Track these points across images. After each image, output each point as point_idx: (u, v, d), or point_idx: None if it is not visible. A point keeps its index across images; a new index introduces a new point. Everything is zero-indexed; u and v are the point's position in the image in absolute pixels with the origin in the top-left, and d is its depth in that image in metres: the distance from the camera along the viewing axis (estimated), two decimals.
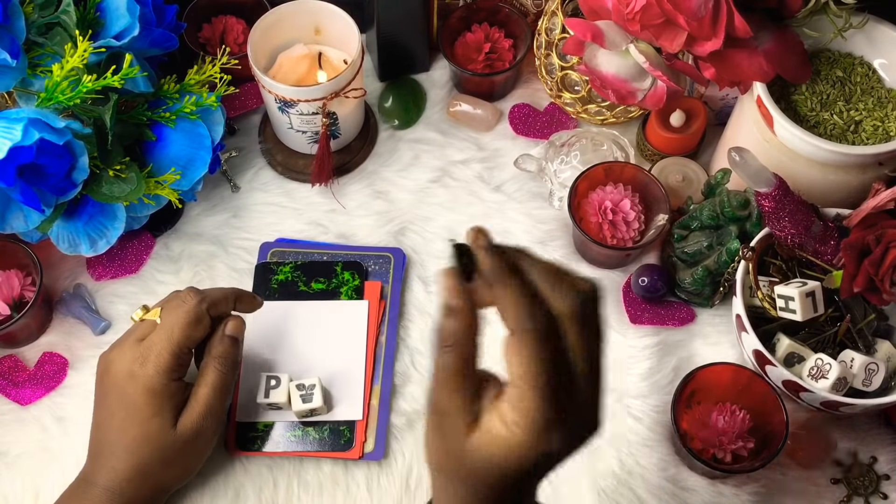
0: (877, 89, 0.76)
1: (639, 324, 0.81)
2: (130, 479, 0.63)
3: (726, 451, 0.71)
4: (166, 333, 0.63)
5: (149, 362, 0.63)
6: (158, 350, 0.63)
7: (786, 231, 0.71)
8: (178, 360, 0.63)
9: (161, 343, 0.63)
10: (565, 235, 0.86)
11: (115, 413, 0.63)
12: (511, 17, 0.93)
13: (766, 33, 0.71)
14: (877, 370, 0.70)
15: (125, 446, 0.63)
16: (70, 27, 0.71)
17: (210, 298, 0.65)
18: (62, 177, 0.70)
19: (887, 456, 0.75)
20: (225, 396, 0.66)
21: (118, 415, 0.63)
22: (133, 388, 0.63)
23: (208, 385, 0.65)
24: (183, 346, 0.63)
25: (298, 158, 0.89)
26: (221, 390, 0.65)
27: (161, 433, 0.63)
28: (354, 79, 0.81)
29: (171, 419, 0.63)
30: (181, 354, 0.64)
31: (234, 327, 0.67)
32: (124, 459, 0.63)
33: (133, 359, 0.63)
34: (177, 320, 0.63)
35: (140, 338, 0.65)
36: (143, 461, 0.63)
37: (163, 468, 0.64)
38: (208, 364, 0.65)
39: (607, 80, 0.74)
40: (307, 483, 0.73)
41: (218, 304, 0.66)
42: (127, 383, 0.63)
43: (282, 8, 0.84)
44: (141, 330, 0.65)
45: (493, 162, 0.90)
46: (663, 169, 0.87)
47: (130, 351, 0.64)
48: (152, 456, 0.63)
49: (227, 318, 0.67)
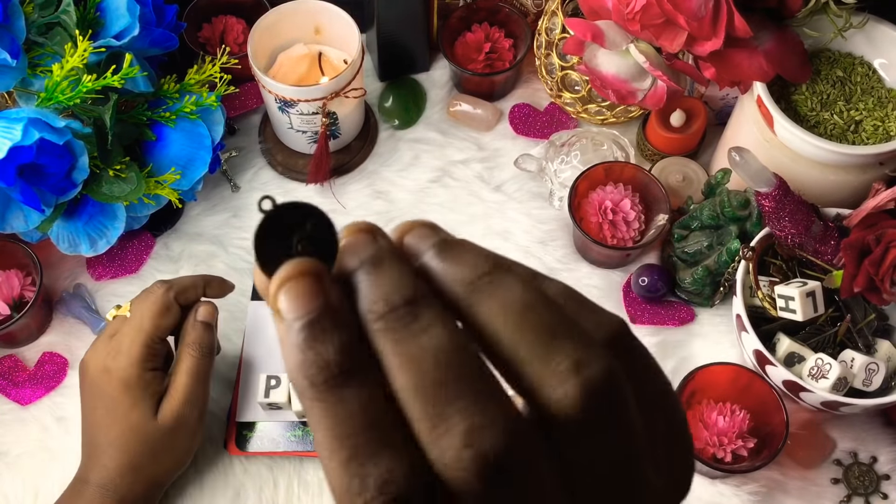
0: (877, 89, 0.76)
1: (639, 324, 0.81)
2: (122, 474, 0.63)
3: (726, 451, 0.71)
4: (136, 324, 0.64)
5: (121, 355, 0.63)
6: (129, 342, 0.63)
7: (786, 231, 0.71)
8: (150, 349, 0.64)
9: (131, 334, 0.63)
10: (565, 235, 0.86)
11: (97, 410, 0.64)
12: (511, 17, 0.93)
13: (766, 33, 0.71)
14: (877, 370, 0.70)
15: (111, 442, 0.63)
16: (70, 27, 0.71)
17: (178, 286, 0.65)
18: (62, 177, 0.70)
19: (887, 456, 0.75)
20: (203, 382, 0.66)
21: (99, 411, 0.64)
22: (108, 382, 0.63)
23: (184, 372, 0.65)
24: (153, 336, 0.64)
25: (298, 158, 0.89)
26: (198, 376, 0.65)
27: (143, 424, 0.63)
28: (354, 79, 0.81)
29: (150, 409, 0.63)
30: (152, 344, 0.64)
31: (204, 312, 0.66)
32: (113, 456, 0.63)
33: (106, 354, 0.64)
34: (145, 310, 0.64)
35: (112, 334, 0.65)
36: (131, 456, 0.63)
37: (152, 460, 0.64)
38: (182, 351, 0.65)
39: (607, 80, 0.74)
40: (307, 483, 0.73)
41: (186, 290, 0.66)
42: (102, 379, 0.63)
43: (282, 8, 0.84)
44: (112, 326, 0.66)
45: (493, 162, 0.90)
46: (663, 169, 0.87)
47: (103, 347, 0.64)
48: (139, 449, 0.63)
49: (198, 304, 0.67)
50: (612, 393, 0.23)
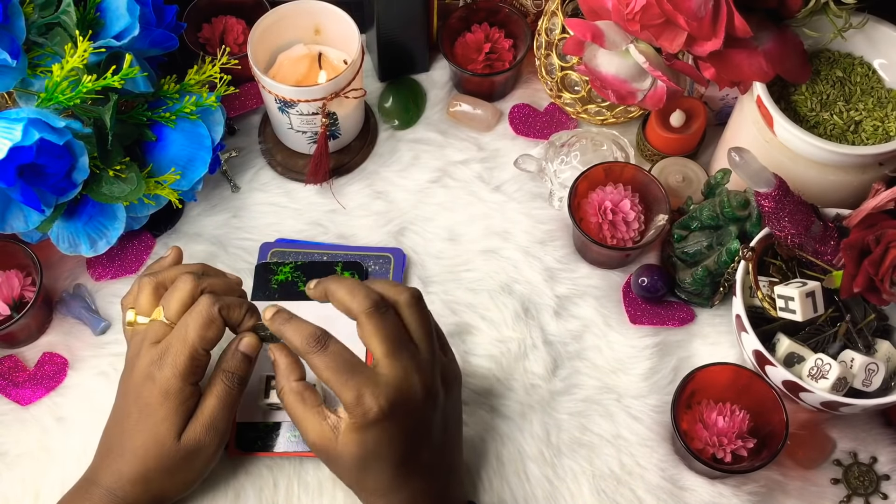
0: (877, 89, 0.76)
1: (639, 324, 0.81)
2: (134, 484, 0.63)
3: (726, 451, 0.71)
4: (182, 335, 0.63)
5: (166, 365, 0.62)
6: (175, 352, 0.62)
7: (786, 231, 0.71)
8: (195, 361, 0.63)
9: (177, 345, 0.62)
10: (565, 235, 0.86)
11: (131, 415, 0.63)
12: (511, 17, 0.93)
13: (766, 33, 0.71)
14: (877, 370, 0.70)
15: (133, 450, 0.63)
16: (70, 27, 0.71)
17: (224, 302, 0.64)
18: (62, 177, 0.70)
19: (887, 456, 0.75)
20: (229, 411, 0.65)
21: (133, 416, 0.63)
22: (150, 389, 0.63)
23: (214, 396, 0.64)
24: (198, 348, 0.63)
25: (298, 158, 0.89)
26: (227, 404, 0.65)
27: (166, 440, 0.63)
28: (354, 79, 0.81)
29: (178, 426, 0.63)
30: (197, 356, 0.63)
31: (248, 345, 0.66)
32: (130, 463, 0.63)
33: (150, 361, 0.63)
34: (191, 322, 0.63)
35: (154, 340, 0.64)
36: (147, 467, 0.63)
37: (165, 476, 0.64)
38: (217, 376, 0.65)
39: (607, 81, 0.74)
40: (307, 483, 0.73)
41: (231, 308, 0.65)
42: (145, 385, 0.63)
43: (282, 8, 0.84)
44: (153, 331, 0.65)
45: (493, 162, 0.91)
46: (663, 169, 0.87)
47: (147, 353, 0.63)
48: (155, 464, 0.63)
49: (244, 334, 0.66)
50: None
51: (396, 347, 0.59)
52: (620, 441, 0.75)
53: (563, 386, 0.78)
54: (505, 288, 0.82)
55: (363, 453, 0.59)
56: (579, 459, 0.74)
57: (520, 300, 0.82)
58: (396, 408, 0.58)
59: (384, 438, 0.59)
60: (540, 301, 0.82)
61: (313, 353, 0.59)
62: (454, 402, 0.66)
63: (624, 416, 0.76)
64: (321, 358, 0.59)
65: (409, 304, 0.62)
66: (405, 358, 0.59)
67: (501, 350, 0.79)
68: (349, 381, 0.58)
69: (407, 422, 0.59)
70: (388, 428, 0.58)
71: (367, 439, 0.58)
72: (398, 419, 0.58)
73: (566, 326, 0.81)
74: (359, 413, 0.57)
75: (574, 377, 0.78)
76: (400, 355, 0.59)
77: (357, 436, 0.58)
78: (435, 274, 0.83)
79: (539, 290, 0.82)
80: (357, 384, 0.58)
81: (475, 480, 0.73)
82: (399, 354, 0.59)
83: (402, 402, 0.58)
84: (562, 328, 0.81)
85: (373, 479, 0.60)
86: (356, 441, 0.58)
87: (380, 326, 0.59)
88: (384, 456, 0.59)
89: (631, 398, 0.77)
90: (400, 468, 0.60)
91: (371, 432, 0.58)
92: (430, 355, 0.61)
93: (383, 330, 0.59)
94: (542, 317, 0.81)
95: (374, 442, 0.58)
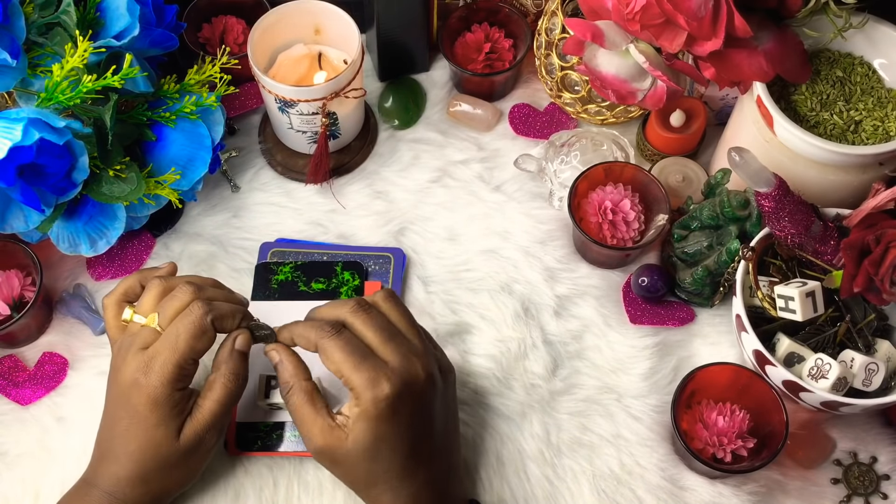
0: (877, 89, 0.76)
1: (639, 324, 0.81)
2: (133, 485, 0.63)
3: (726, 450, 0.71)
4: (171, 343, 0.62)
5: (153, 372, 0.62)
6: (162, 360, 0.62)
7: (786, 231, 0.71)
8: (182, 370, 0.63)
9: (165, 353, 0.62)
10: (565, 235, 0.86)
11: (121, 420, 0.63)
12: (511, 17, 0.93)
13: (766, 33, 0.71)
14: (877, 370, 0.70)
15: (129, 454, 0.63)
16: (70, 27, 0.71)
17: (217, 312, 0.64)
18: (62, 177, 0.70)
19: (887, 456, 0.75)
20: (229, 410, 0.66)
21: (123, 422, 0.63)
22: (137, 397, 0.62)
23: (214, 400, 0.64)
24: (187, 357, 0.63)
25: (298, 158, 0.89)
26: (227, 405, 0.65)
27: (165, 443, 0.63)
28: (354, 79, 0.81)
29: (175, 429, 0.63)
30: (185, 365, 0.63)
31: (242, 342, 0.66)
32: (127, 466, 0.63)
33: (136, 367, 0.62)
34: (182, 331, 0.62)
35: (143, 346, 0.64)
36: (145, 468, 0.63)
37: (164, 476, 0.64)
38: (217, 380, 0.65)
39: (607, 80, 0.74)
40: (307, 483, 0.73)
41: (224, 318, 0.64)
42: (132, 391, 0.63)
43: (282, 8, 0.84)
44: (143, 337, 0.64)
45: (493, 162, 0.91)
46: (663, 169, 0.87)
47: (134, 359, 0.63)
48: (154, 465, 0.63)
49: (237, 332, 0.66)
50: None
51: (389, 336, 0.61)
52: (620, 441, 0.75)
53: (563, 386, 0.78)
54: (505, 288, 0.82)
55: (374, 443, 0.59)
56: (579, 459, 0.74)
57: (520, 300, 0.82)
58: (404, 390, 0.59)
59: (394, 424, 0.59)
60: (540, 301, 0.82)
61: (328, 338, 0.60)
62: (451, 393, 0.67)
63: (624, 415, 0.76)
64: (336, 341, 0.59)
65: (385, 298, 0.64)
66: (401, 343, 0.61)
67: (501, 350, 0.79)
68: (362, 364, 0.58)
69: (413, 406, 0.60)
70: (398, 411, 0.59)
71: (379, 426, 0.59)
72: (406, 403, 0.59)
73: (566, 326, 0.81)
74: (370, 397, 0.58)
75: (574, 377, 0.78)
76: (395, 341, 0.61)
77: (368, 424, 0.59)
78: (435, 274, 0.83)
79: (539, 290, 0.82)
80: (370, 367, 0.58)
81: (475, 480, 0.73)
82: (394, 340, 0.61)
83: (408, 384, 0.59)
84: (562, 328, 0.81)
85: (383, 470, 0.61)
86: (368, 429, 0.59)
87: (367, 325, 0.61)
88: (394, 444, 0.60)
89: (631, 398, 0.77)
90: (409, 459, 0.61)
91: (382, 418, 0.59)
92: (420, 343, 0.63)
93: (370, 327, 0.61)
94: (542, 316, 0.81)
95: (385, 429, 0.59)
